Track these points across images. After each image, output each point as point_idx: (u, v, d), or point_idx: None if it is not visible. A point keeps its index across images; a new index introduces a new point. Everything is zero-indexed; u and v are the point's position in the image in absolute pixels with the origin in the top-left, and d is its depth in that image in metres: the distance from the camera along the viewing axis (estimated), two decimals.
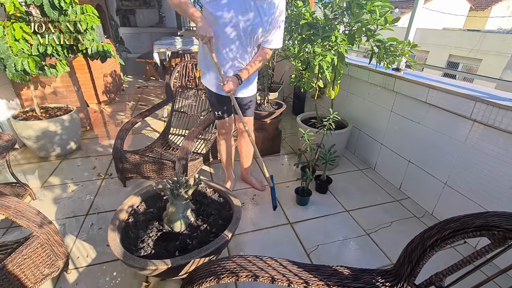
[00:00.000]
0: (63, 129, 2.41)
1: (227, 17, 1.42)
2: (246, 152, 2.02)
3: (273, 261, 0.89)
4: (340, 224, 1.81)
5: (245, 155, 2.03)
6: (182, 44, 5.12)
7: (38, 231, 1.21)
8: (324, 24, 1.73)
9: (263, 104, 2.52)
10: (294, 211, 1.90)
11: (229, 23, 1.44)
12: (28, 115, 2.39)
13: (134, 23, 7.72)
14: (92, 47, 2.24)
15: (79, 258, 1.51)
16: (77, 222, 1.76)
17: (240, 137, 1.98)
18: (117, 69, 4.70)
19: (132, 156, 1.96)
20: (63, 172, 2.31)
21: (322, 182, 2.06)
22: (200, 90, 2.74)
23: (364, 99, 2.46)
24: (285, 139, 2.98)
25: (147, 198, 1.49)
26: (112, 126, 3.35)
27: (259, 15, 1.44)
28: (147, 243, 1.22)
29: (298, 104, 3.59)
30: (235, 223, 1.27)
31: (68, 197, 2.00)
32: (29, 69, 1.88)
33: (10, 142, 1.74)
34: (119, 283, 1.37)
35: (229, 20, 1.43)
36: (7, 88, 2.58)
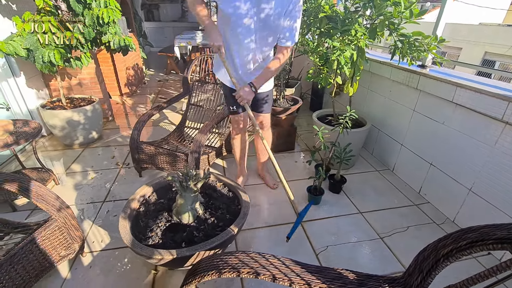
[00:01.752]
0: (86, 119, 2.52)
1: (237, 13, 1.39)
2: (262, 146, 2.00)
3: (276, 260, 0.88)
4: (353, 225, 1.76)
5: (261, 150, 2.02)
6: (203, 38, 5.16)
7: (56, 214, 1.28)
8: (344, 17, 1.66)
9: (279, 100, 2.48)
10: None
11: (241, 19, 1.40)
12: (55, 105, 2.53)
13: (158, 17, 7.89)
14: (114, 40, 2.32)
15: (94, 242, 1.58)
16: (94, 208, 1.84)
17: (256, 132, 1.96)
18: (140, 62, 4.83)
19: (147, 147, 2.01)
20: (85, 160, 2.43)
21: (336, 182, 2.00)
22: (218, 85, 2.75)
23: (385, 97, 2.34)
24: (300, 136, 2.93)
25: (158, 188, 1.52)
26: (132, 118, 3.47)
27: (271, 8, 1.38)
28: (155, 232, 1.24)
29: (316, 101, 3.51)
30: (242, 218, 1.27)
31: (88, 184, 2.10)
32: (55, 60, 1.98)
33: (36, 129, 1.84)
34: (130, 269, 1.42)
35: (240, 16, 1.39)
36: (37, 79, 2.73)
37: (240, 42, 1.49)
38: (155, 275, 1.40)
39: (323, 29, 1.86)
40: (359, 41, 1.66)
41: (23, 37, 1.99)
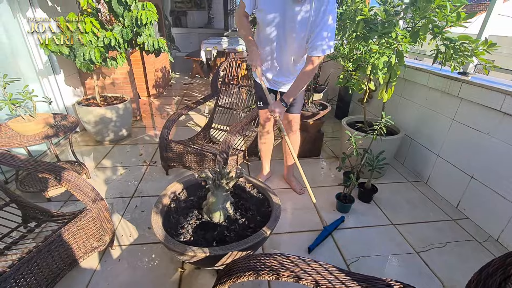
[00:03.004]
0: (117, 117, 2.61)
1: (267, 16, 1.44)
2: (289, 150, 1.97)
3: (317, 265, 0.83)
4: (385, 237, 1.66)
5: (289, 153, 1.98)
6: (228, 44, 5.26)
7: (91, 205, 1.30)
8: (384, 20, 1.61)
9: (307, 104, 2.44)
10: (333, 218, 1.79)
11: (271, 26, 1.48)
12: (90, 102, 2.64)
13: (185, 23, 8.16)
14: (149, 42, 2.39)
15: (123, 236, 1.60)
16: (123, 203, 1.87)
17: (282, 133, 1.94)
18: (167, 65, 4.98)
19: (176, 145, 2.03)
20: (115, 156, 2.50)
21: (366, 191, 1.92)
22: (242, 87, 2.76)
23: (420, 104, 2.24)
24: (326, 142, 2.86)
25: (188, 186, 1.52)
26: (158, 118, 3.55)
27: (295, 15, 1.39)
28: (186, 229, 1.23)
29: (342, 108, 3.43)
30: (274, 220, 1.23)
31: (117, 179, 2.15)
32: (95, 58, 2.07)
33: (74, 124, 1.92)
34: (156, 266, 1.42)
35: (271, 24, 1.46)
36: (75, 77, 2.87)
37: (271, 48, 1.57)
38: (182, 273, 1.38)
39: (359, 33, 1.81)
40: (400, 45, 1.60)
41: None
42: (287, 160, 2.05)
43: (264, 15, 1.45)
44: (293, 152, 1.69)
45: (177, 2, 7.83)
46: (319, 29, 1.38)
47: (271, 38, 1.53)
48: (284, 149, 2.03)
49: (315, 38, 1.41)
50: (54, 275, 1.18)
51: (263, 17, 1.46)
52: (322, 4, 1.35)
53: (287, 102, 1.58)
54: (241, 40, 5.76)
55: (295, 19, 1.41)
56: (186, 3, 7.92)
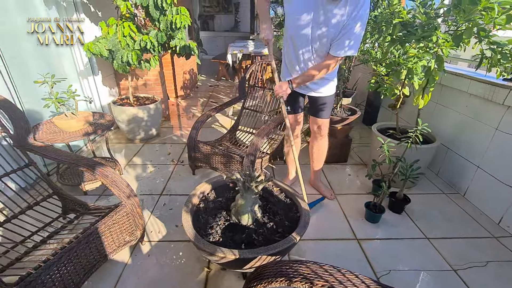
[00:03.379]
0: (148, 117, 2.71)
1: (297, 16, 1.43)
2: (317, 155, 1.94)
3: (353, 276, 0.80)
4: (418, 251, 1.57)
5: (316, 158, 1.95)
6: (254, 47, 5.30)
7: (126, 201, 1.36)
8: (424, 23, 1.53)
9: (336, 109, 2.39)
10: (361, 227, 1.73)
11: (298, 23, 1.45)
12: (124, 102, 2.77)
13: (212, 27, 8.36)
14: (181, 45, 2.48)
15: (152, 232, 1.65)
16: (152, 200, 1.94)
17: (313, 138, 1.91)
18: (195, 68, 5.12)
19: (204, 146, 2.07)
20: (144, 154, 2.60)
21: (398, 201, 1.83)
22: (267, 90, 2.76)
23: (459, 112, 2.11)
24: (353, 149, 2.78)
25: (216, 187, 1.54)
26: (184, 119, 3.65)
27: (327, 18, 1.37)
28: (215, 230, 1.25)
29: (370, 113, 3.32)
30: (303, 227, 1.21)
31: (147, 177, 2.23)
32: (132, 61, 2.17)
33: (110, 122, 2.02)
34: (183, 264, 1.45)
35: (298, 20, 1.44)
36: (111, 78, 3.04)
37: (301, 50, 1.55)
38: (208, 273, 1.40)
39: (395, 36, 1.74)
40: (441, 49, 1.52)
41: (107, 39, 2.23)
42: (313, 165, 2.02)
43: (293, 16, 1.45)
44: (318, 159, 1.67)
45: (205, 6, 8.05)
46: (346, 32, 1.37)
47: (301, 41, 1.51)
48: (311, 154, 2.00)
49: (342, 40, 1.40)
50: (90, 265, 1.24)
51: (292, 18, 1.46)
52: (354, 9, 1.33)
53: (293, 86, 1.59)
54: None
55: (329, 22, 1.38)
56: (214, 7, 8.12)
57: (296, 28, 1.47)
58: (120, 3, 2.21)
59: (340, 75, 2.37)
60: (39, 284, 1.01)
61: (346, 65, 2.51)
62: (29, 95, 2.04)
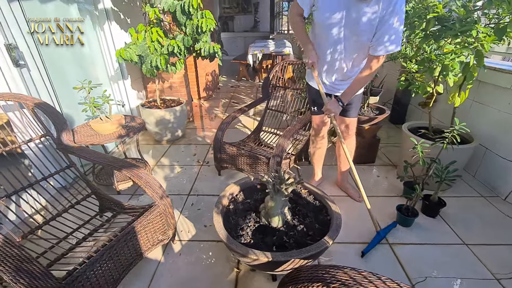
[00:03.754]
0: (174, 118, 2.80)
1: (327, 15, 1.39)
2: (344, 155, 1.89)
3: (395, 284, 0.77)
4: (455, 258, 1.49)
5: (343, 158, 1.91)
6: (275, 46, 5.28)
7: (159, 201, 1.41)
8: (462, 17, 1.45)
9: (363, 108, 2.32)
10: (393, 231, 1.67)
11: (330, 28, 1.42)
12: (151, 104, 2.87)
13: (232, 28, 8.44)
14: (205, 48, 2.52)
15: (182, 232, 1.70)
16: (181, 200, 2.00)
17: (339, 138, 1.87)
18: (216, 69, 5.20)
19: (230, 147, 2.10)
20: (171, 155, 2.68)
21: (432, 204, 1.75)
22: (289, 90, 2.74)
23: (500, 110, 1.97)
24: (381, 149, 2.69)
25: (245, 188, 1.55)
26: (207, 120, 3.72)
27: (358, 16, 1.33)
28: (246, 231, 1.26)
29: (398, 111, 3.19)
30: (335, 230, 1.19)
31: (175, 177, 2.30)
32: (160, 65, 2.24)
33: (141, 125, 2.10)
34: (214, 263, 1.48)
35: (329, 19, 1.39)
36: (139, 82, 3.16)
37: (329, 50, 1.51)
38: (238, 273, 1.41)
39: (429, 32, 1.66)
40: (481, 43, 1.42)
41: (136, 45, 2.32)
42: (341, 166, 1.98)
43: (323, 15, 1.40)
44: (349, 157, 1.62)
45: (225, 7, 8.14)
46: (385, 29, 1.32)
47: (330, 40, 1.47)
48: (338, 155, 1.95)
49: (381, 37, 1.34)
50: (128, 263, 1.30)
51: (322, 17, 1.42)
52: (389, 4, 1.28)
53: (344, 102, 1.52)
54: (288, 42, 5.75)
55: (360, 20, 1.34)
56: (233, 8, 8.19)
57: (326, 27, 1.43)
58: (148, 10, 2.29)
59: None
60: (84, 280, 1.08)
61: None
62: (67, 100, 2.17)
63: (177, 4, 2.16)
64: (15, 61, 1.73)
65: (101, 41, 2.59)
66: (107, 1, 2.55)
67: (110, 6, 2.58)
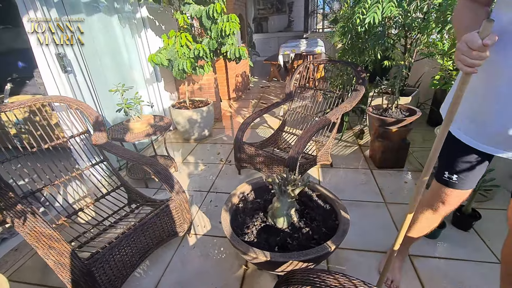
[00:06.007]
0: (201, 118, 2.93)
1: None
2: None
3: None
4: (487, 278, 1.33)
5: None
6: (306, 46, 5.20)
7: (175, 196, 1.51)
8: None
9: (390, 109, 2.18)
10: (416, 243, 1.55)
11: None
12: (181, 105, 3.05)
13: (266, 29, 8.50)
14: (231, 50, 2.60)
15: (198, 226, 1.79)
16: (201, 196, 2.10)
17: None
18: (247, 70, 5.30)
19: (249, 148, 2.14)
20: (197, 153, 2.82)
21: (464, 216, 1.58)
22: (318, 91, 2.68)
23: None
24: (413, 153, 2.49)
25: (256, 188, 1.58)
26: (235, 120, 3.82)
27: None
28: (251, 230, 1.29)
29: (437, 113, 2.92)
30: (340, 236, 1.15)
31: (198, 174, 2.42)
32: (186, 68, 2.38)
33: (168, 124, 2.26)
34: (224, 259, 1.53)
35: None
36: (172, 84, 3.38)
37: None
38: (245, 271, 1.45)
39: None
40: None
41: (166, 50, 2.50)
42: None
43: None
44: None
45: (260, 9, 8.23)
46: None
47: None
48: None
49: None
50: (144, 250, 1.43)
51: None
52: None
53: None
54: (320, 41, 5.60)
55: None
56: (268, 9, 8.24)
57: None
58: (178, 16, 2.45)
59: (396, 72, 2.15)
60: (104, 262, 1.21)
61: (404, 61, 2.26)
62: (108, 101, 2.43)
63: (203, 10, 2.27)
64: (63, 68, 1.99)
65: (139, 47, 2.83)
66: (144, 10, 2.78)
67: (147, 15, 2.81)
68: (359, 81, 2.09)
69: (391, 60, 2.73)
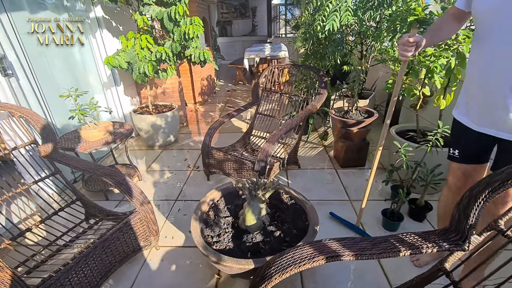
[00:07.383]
0: (166, 124, 2.81)
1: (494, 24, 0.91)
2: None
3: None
4: None
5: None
6: (271, 50, 5.31)
7: (139, 208, 1.42)
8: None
9: (351, 112, 2.31)
10: (377, 235, 1.65)
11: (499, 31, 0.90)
12: (143, 110, 2.90)
13: (230, 32, 8.50)
14: (195, 54, 2.54)
15: (166, 238, 1.70)
16: (168, 205, 2.00)
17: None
18: (212, 74, 5.23)
19: (217, 152, 2.10)
20: (163, 160, 2.70)
21: (419, 208, 1.73)
22: (283, 95, 2.74)
23: None
24: (372, 152, 2.67)
25: (226, 194, 1.55)
26: (203, 124, 3.74)
27: None
28: (223, 238, 1.26)
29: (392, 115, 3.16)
30: (311, 236, 1.18)
31: (164, 182, 2.31)
32: (148, 72, 2.27)
33: (129, 131, 2.12)
34: (195, 270, 1.47)
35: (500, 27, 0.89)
36: (132, 88, 3.20)
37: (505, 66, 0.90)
38: (218, 280, 1.41)
39: None
40: (461, 45, 1.41)
41: (125, 52, 2.35)
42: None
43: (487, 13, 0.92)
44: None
45: (223, 13, 8.21)
46: None
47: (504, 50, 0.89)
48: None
49: None
50: (106, 269, 1.31)
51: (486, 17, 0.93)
52: None
53: None
54: (284, 46, 5.76)
55: None
56: (231, 13, 8.26)
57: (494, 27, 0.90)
58: (137, 17, 2.33)
59: (355, 77, 2.29)
60: (58, 287, 1.08)
61: (361, 66, 2.42)
62: (59, 107, 2.20)
63: (164, 11, 2.19)
64: (3, 70, 1.76)
65: (93, 48, 2.63)
66: (99, 9, 2.59)
67: (102, 15, 2.62)
68: (322, 85, 2.18)
69: (349, 65, 2.90)
